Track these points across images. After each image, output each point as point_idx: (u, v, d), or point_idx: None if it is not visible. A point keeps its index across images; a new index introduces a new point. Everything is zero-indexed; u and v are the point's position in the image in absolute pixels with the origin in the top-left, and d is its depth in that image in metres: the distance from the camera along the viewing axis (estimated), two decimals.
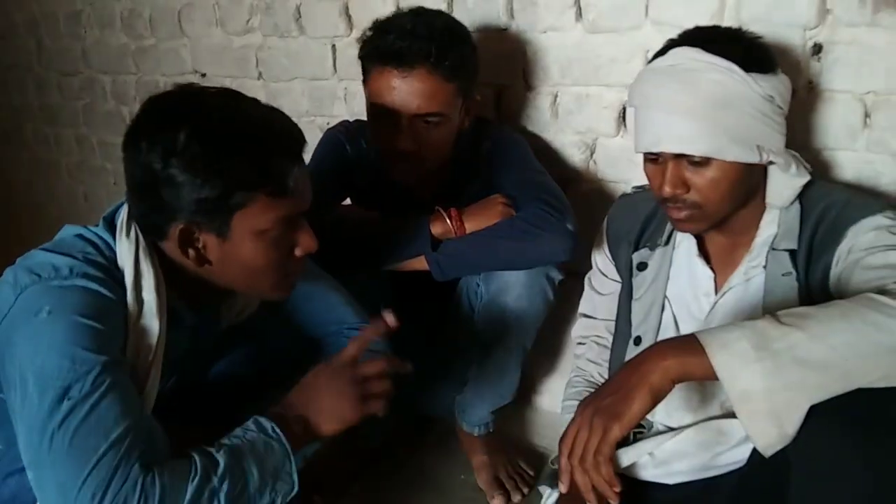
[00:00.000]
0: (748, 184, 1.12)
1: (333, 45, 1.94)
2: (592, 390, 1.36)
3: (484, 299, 1.48)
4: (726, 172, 1.08)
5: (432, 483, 1.66)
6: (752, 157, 1.08)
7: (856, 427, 0.84)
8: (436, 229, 1.40)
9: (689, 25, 1.22)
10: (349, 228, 1.45)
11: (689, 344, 0.91)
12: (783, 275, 1.11)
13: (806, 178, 1.13)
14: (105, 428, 0.90)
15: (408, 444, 1.79)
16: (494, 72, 1.66)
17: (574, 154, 1.64)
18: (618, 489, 0.96)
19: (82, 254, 1.04)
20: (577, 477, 0.97)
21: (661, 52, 1.13)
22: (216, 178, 0.98)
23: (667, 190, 1.10)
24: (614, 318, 1.36)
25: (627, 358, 1.24)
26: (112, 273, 1.04)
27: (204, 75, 2.29)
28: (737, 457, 1.16)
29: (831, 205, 1.11)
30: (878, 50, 1.26)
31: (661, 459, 1.20)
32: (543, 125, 1.67)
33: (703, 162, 1.07)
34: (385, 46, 1.36)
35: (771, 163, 1.11)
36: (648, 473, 1.23)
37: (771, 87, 1.07)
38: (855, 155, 1.33)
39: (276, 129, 1.05)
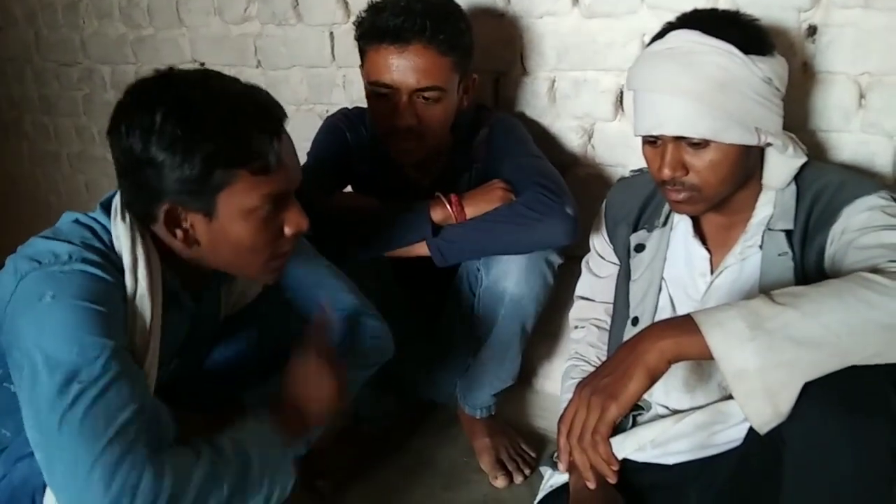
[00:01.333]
0: (746, 165, 1.13)
1: (331, 33, 1.94)
2: None
3: (484, 284, 1.49)
4: (725, 154, 1.09)
5: (435, 467, 1.68)
6: (751, 139, 1.09)
7: (845, 405, 0.86)
8: (436, 215, 1.42)
9: (686, 9, 1.22)
10: (349, 215, 1.46)
11: (684, 324, 0.93)
12: (779, 255, 1.12)
13: (803, 160, 1.15)
14: (114, 411, 0.91)
15: (410, 429, 1.81)
16: (491, 58, 1.66)
17: (572, 139, 1.65)
18: (616, 468, 0.98)
19: (80, 239, 1.05)
20: (575, 456, 0.99)
21: (660, 36, 1.14)
22: (194, 156, 0.99)
23: (666, 172, 1.11)
24: (612, 300, 1.38)
25: (626, 339, 1.26)
26: (110, 257, 1.05)
27: (203, 64, 2.28)
28: (734, 436, 1.17)
29: (826, 185, 1.12)
30: (873, 31, 1.26)
31: (659, 441, 1.22)
32: (541, 110, 1.67)
33: (703, 144, 1.08)
34: (381, 24, 1.37)
35: (769, 144, 1.12)
36: (646, 455, 1.25)
37: (769, 69, 1.08)
38: (850, 136, 1.34)
39: (253, 104, 1.05)
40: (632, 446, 1.21)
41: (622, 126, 1.59)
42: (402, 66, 1.39)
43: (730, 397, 1.16)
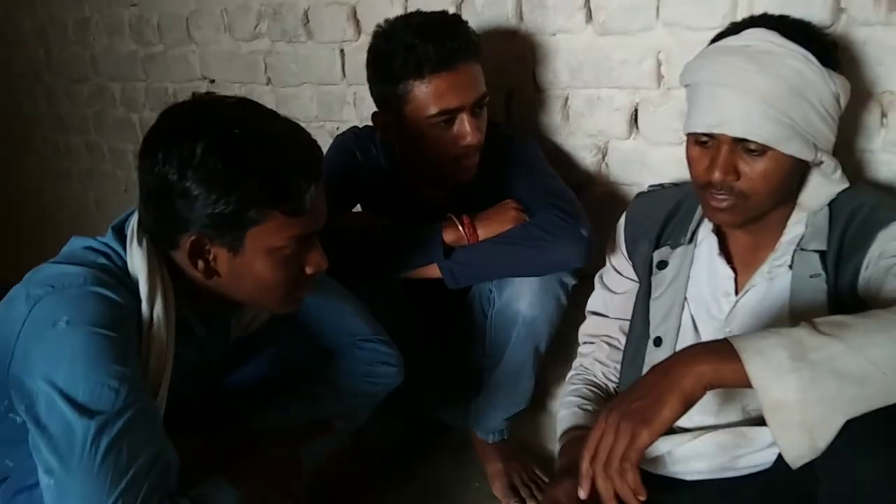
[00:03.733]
0: (793, 181, 1.09)
1: (342, 50, 1.93)
2: (595, 390, 1.35)
3: (497, 306, 1.46)
4: (780, 165, 1.05)
5: (446, 491, 1.65)
6: (808, 154, 1.05)
7: (882, 440, 0.83)
8: (448, 237, 1.39)
9: (702, 26, 1.21)
10: (360, 237, 1.44)
11: (723, 349, 0.88)
12: (811, 276, 1.09)
13: (845, 185, 1.12)
14: (134, 453, 0.90)
15: (421, 452, 1.78)
16: (504, 75, 1.65)
17: (586, 157, 1.63)
18: (643, 497, 0.92)
19: (92, 263, 1.04)
20: (599, 483, 0.93)
21: (733, 32, 1.09)
22: (232, 194, 0.97)
23: (717, 175, 1.06)
24: (628, 317, 1.34)
25: (647, 358, 1.23)
26: (124, 282, 1.04)
27: (213, 81, 2.28)
28: (757, 461, 1.14)
29: (861, 206, 1.09)
30: (894, 49, 1.23)
31: (678, 457, 1.18)
32: (554, 128, 1.65)
33: (760, 151, 1.04)
34: (426, 56, 1.35)
35: (819, 163, 1.08)
36: (664, 469, 1.21)
37: (840, 86, 1.06)
38: (871, 156, 1.31)
39: (295, 146, 1.03)
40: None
41: (637, 144, 1.56)
42: (461, 86, 1.38)
43: (755, 421, 1.13)
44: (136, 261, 1.04)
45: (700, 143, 1.10)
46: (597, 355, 1.39)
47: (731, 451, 1.15)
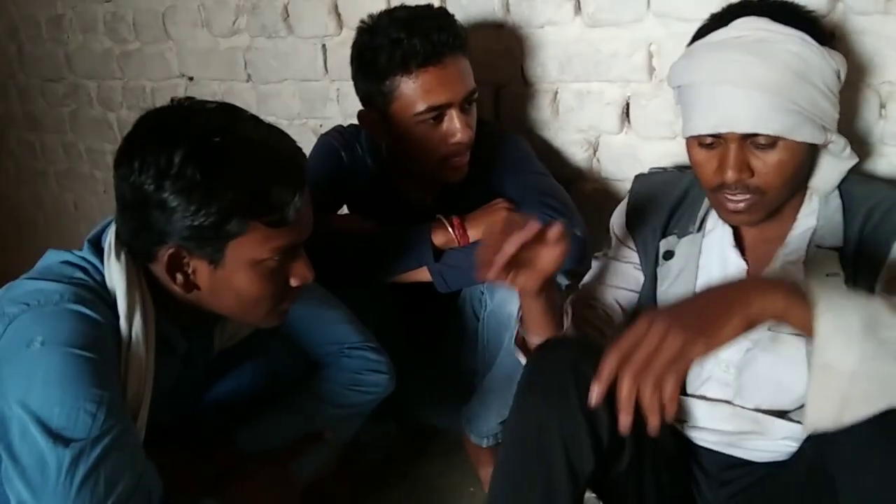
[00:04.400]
0: (806, 167, 1.05)
1: (324, 45, 1.88)
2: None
3: (489, 308, 1.43)
4: (792, 154, 1.00)
5: (439, 496, 1.62)
6: (819, 138, 1.01)
7: None
8: (438, 239, 1.36)
9: (694, 17, 1.16)
10: (346, 241, 1.40)
11: (797, 291, 0.83)
12: (828, 275, 1.04)
13: (855, 160, 1.07)
14: (113, 481, 0.87)
15: (414, 456, 1.75)
16: (491, 70, 1.61)
17: (576, 153, 1.59)
18: (672, 415, 0.83)
19: (69, 279, 0.99)
20: (625, 386, 0.82)
21: (721, 23, 1.04)
22: (211, 206, 0.93)
23: (731, 175, 1.01)
24: (627, 288, 1.26)
25: None
26: (103, 297, 0.99)
27: (191, 79, 2.23)
28: (767, 448, 1.11)
29: (880, 202, 1.05)
30: (892, 39, 1.21)
31: (692, 415, 1.15)
32: (543, 124, 1.62)
33: (771, 143, 0.99)
34: (414, 51, 1.31)
35: (829, 143, 1.04)
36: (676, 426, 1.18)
37: (838, 62, 1.01)
38: (869, 148, 1.28)
39: (277, 154, 0.99)
40: None
41: (628, 139, 1.53)
42: (450, 81, 1.34)
43: (771, 413, 1.09)
44: (115, 276, 1.00)
45: (704, 144, 1.05)
46: (587, 314, 1.24)
47: (741, 426, 1.11)
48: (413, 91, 1.34)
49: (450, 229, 1.35)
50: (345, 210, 1.61)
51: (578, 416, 0.97)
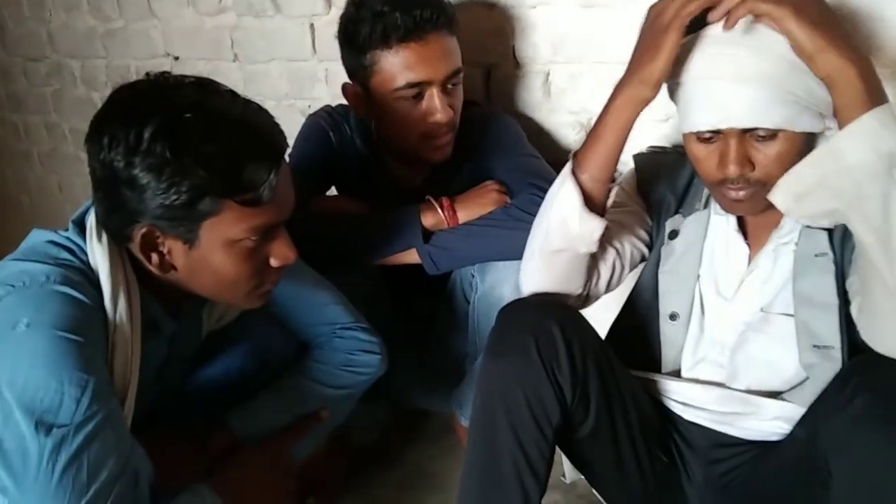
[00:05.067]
0: (805, 155, 1.04)
1: (312, 24, 1.85)
2: None
3: (480, 291, 1.42)
4: (792, 144, 0.99)
5: (431, 479, 1.61)
6: (818, 126, 1.00)
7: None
8: (427, 220, 1.34)
9: None
10: (335, 223, 1.38)
11: (879, 90, 0.89)
12: (816, 255, 1.05)
13: None
14: (97, 466, 0.85)
15: (405, 439, 1.74)
16: (482, 50, 1.59)
17: (568, 134, 1.58)
18: None
19: (55, 259, 0.97)
20: None
21: (702, 20, 1.01)
22: (182, 184, 0.90)
23: (732, 170, 1.00)
24: (639, 237, 1.23)
25: (664, 336, 1.18)
26: (88, 277, 0.97)
27: (177, 58, 2.19)
28: (758, 427, 1.12)
29: None
30: (888, 21, 1.20)
31: (684, 395, 1.17)
32: (535, 105, 1.60)
33: (771, 135, 0.98)
34: (395, 24, 1.29)
35: (827, 129, 1.02)
36: (666, 401, 1.19)
37: None
38: None
39: (252, 130, 0.96)
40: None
41: None
42: (431, 58, 1.32)
43: (764, 394, 1.10)
44: (98, 256, 0.98)
45: (703, 139, 1.03)
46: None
47: (734, 407, 1.12)
48: (393, 66, 1.32)
49: (439, 210, 1.34)
50: (333, 192, 1.59)
51: (538, 367, 1.02)
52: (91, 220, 1.00)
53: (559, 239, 1.10)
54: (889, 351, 0.92)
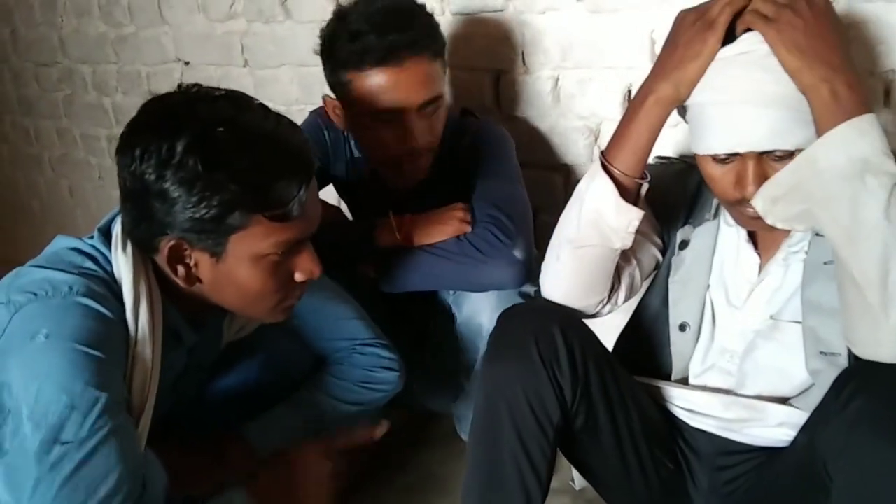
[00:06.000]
0: None
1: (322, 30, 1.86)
2: None
3: (458, 320, 1.42)
4: None
5: (437, 483, 1.61)
6: None
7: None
8: (382, 239, 1.32)
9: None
10: None
11: (861, 101, 0.90)
12: (825, 263, 1.04)
13: None
14: (97, 481, 0.84)
15: (411, 442, 1.74)
16: (491, 56, 1.59)
17: (578, 139, 1.58)
18: None
19: (80, 269, 0.97)
20: None
21: (726, 40, 1.00)
22: (213, 198, 0.91)
23: (751, 191, 0.99)
24: (646, 241, 1.22)
25: (675, 346, 1.18)
26: (112, 288, 0.97)
27: (188, 64, 2.20)
28: (764, 434, 1.11)
29: None
30: None
31: (691, 402, 1.16)
32: (544, 110, 1.60)
33: (787, 155, 0.98)
34: (368, 47, 1.25)
35: None
36: (673, 408, 1.19)
37: None
38: None
39: (284, 146, 0.96)
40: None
41: None
42: (406, 84, 1.27)
43: (772, 400, 1.10)
44: (121, 267, 0.98)
45: (719, 160, 1.02)
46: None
47: (740, 414, 1.12)
48: (366, 89, 1.28)
49: (395, 231, 1.31)
50: (332, 191, 1.59)
51: (539, 367, 1.02)
52: (117, 230, 1.01)
53: (593, 234, 1.09)
54: (865, 352, 0.93)
